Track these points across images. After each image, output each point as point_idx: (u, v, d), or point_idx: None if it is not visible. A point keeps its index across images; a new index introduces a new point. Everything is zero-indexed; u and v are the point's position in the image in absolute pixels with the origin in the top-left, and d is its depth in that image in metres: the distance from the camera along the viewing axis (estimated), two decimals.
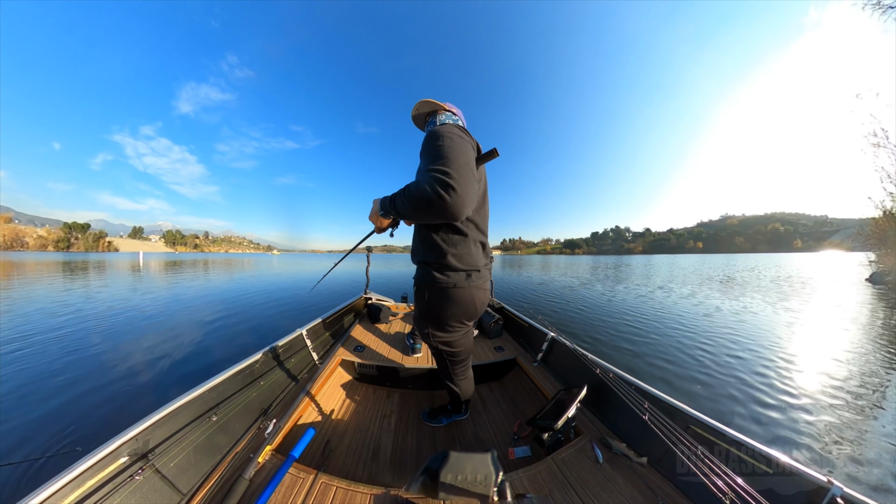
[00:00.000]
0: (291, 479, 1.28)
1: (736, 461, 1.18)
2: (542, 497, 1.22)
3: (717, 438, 1.26)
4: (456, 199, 0.99)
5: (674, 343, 5.70)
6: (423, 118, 1.55)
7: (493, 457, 1.19)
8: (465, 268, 1.31)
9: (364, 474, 1.56)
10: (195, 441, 1.31)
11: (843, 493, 0.94)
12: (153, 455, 1.15)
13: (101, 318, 7.52)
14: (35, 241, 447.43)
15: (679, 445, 1.18)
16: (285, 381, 2.01)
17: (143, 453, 1.14)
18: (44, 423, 2.99)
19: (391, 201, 1.23)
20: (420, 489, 1.14)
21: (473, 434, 1.89)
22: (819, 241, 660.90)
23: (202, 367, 4.48)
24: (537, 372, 2.26)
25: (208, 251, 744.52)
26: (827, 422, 3.19)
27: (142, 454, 1.14)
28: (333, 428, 1.88)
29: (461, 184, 1.00)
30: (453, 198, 0.99)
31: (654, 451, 1.38)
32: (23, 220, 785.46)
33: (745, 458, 1.17)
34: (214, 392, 1.50)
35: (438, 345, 1.50)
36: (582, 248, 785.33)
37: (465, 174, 1.03)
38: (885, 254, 18.36)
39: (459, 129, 1.23)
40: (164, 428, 1.24)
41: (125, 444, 1.10)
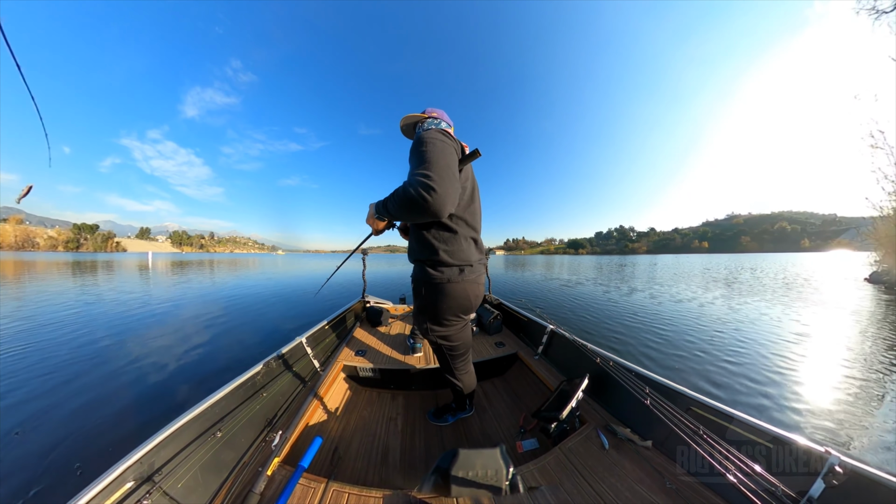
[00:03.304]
0: (303, 489, 1.27)
1: (737, 438, 1.21)
2: (552, 487, 1.24)
3: (718, 417, 1.29)
4: (437, 199, 1.08)
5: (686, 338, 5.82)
6: (411, 129, 1.64)
7: (503, 451, 1.20)
8: (457, 263, 1.37)
9: (375, 478, 1.56)
10: (201, 459, 1.28)
11: (841, 461, 0.98)
12: (159, 477, 1.13)
13: (117, 317, 7.64)
14: (45, 241, 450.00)
15: (681, 427, 1.21)
16: (288, 391, 1.99)
17: (149, 476, 1.12)
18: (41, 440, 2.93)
19: (384, 204, 1.31)
20: (432, 488, 1.15)
21: (480, 430, 1.90)
22: (827, 240, 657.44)
23: (218, 370, 4.41)
24: (539, 365, 2.29)
25: (214, 251, 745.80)
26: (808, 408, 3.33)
27: (147, 477, 1.11)
28: (340, 434, 1.87)
29: (441, 185, 1.09)
30: (434, 198, 1.07)
31: (658, 435, 1.41)
32: (33, 222, 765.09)
33: (745, 435, 1.20)
34: (217, 407, 1.48)
35: (437, 339, 1.56)
36: (586, 248, 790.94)
37: (445, 176, 1.12)
38: (886, 253, 18.15)
39: (443, 133, 1.30)
40: (167, 448, 1.22)
41: (129, 468, 1.07)
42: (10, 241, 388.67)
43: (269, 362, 1.92)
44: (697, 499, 1.17)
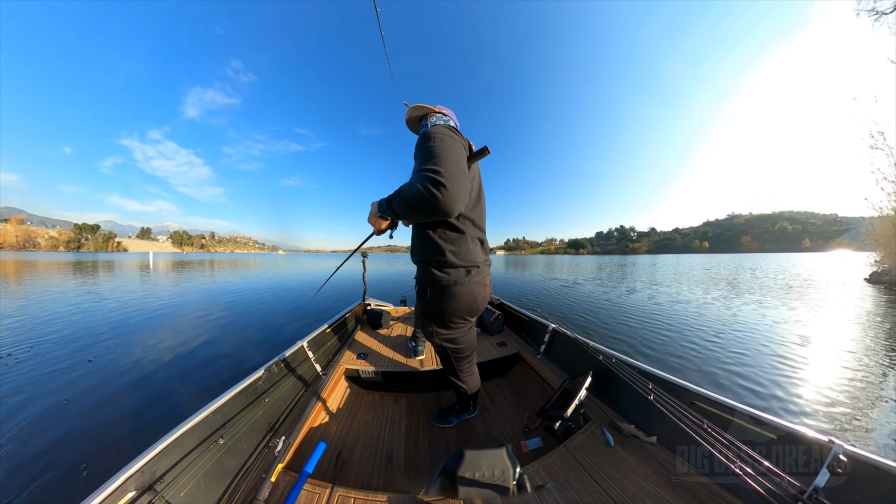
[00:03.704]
0: (307, 495, 1.26)
1: (741, 430, 1.22)
2: (559, 485, 1.24)
3: (721, 411, 1.30)
4: (447, 196, 1.02)
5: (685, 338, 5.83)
6: (416, 122, 1.58)
7: (509, 451, 1.20)
8: (464, 264, 1.33)
9: (380, 482, 1.55)
10: (204, 466, 1.27)
11: (845, 450, 0.98)
12: (161, 485, 1.11)
13: (119, 316, 7.59)
14: (47, 241, 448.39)
15: (685, 421, 1.22)
16: (290, 396, 1.97)
17: (151, 485, 1.10)
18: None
19: (388, 203, 1.25)
20: (439, 490, 1.14)
21: (484, 431, 1.90)
22: (829, 240, 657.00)
23: (218, 370, 4.38)
24: (542, 364, 2.29)
25: (214, 251, 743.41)
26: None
27: (149, 486, 1.10)
28: (344, 439, 1.86)
29: (451, 181, 1.03)
30: (444, 195, 1.01)
31: (663, 430, 1.42)
32: (34, 222, 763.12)
33: (749, 427, 1.21)
34: (219, 414, 1.46)
35: (443, 342, 1.51)
36: (586, 247, 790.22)
37: (455, 172, 1.06)
38: (886, 254, 18.21)
39: (450, 129, 1.24)
40: (169, 456, 1.21)
41: (131, 477, 1.06)
42: (11, 241, 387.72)
43: (271, 367, 1.91)
44: (703, 492, 1.17)
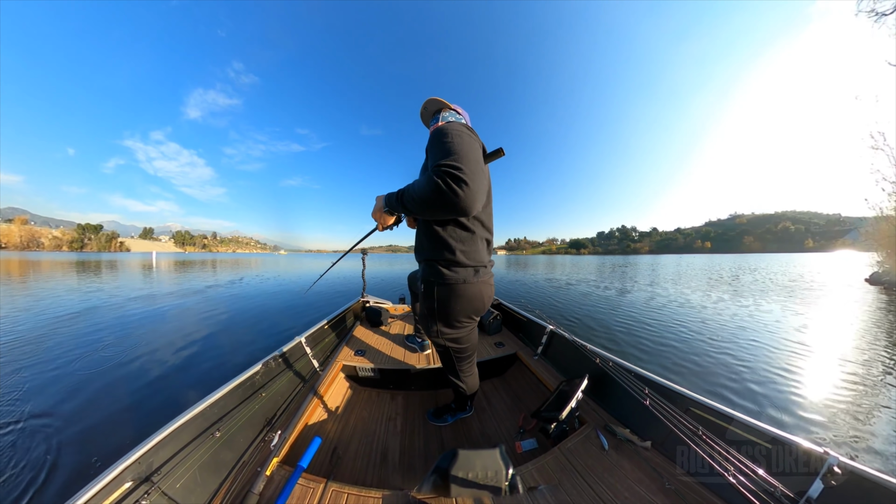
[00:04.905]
0: (301, 489, 1.27)
1: (736, 438, 1.22)
2: (551, 487, 1.24)
3: (717, 418, 1.30)
4: (469, 194, 0.99)
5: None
6: (429, 116, 1.55)
7: (502, 451, 1.20)
8: (473, 264, 1.33)
9: (374, 479, 1.56)
10: (200, 459, 1.28)
11: (840, 461, 0.98)
12: (158, 476, 1.13)
13: (122, 315, 7.67)
14: (50, 241, 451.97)
15: (681, 427, 1.21)
16: (287, 391, 1.99)
17: (147, 476, 1.12)
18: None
19: (398, 197, 1.22)
20: (432, 489, 1.15)
21: (479, 430, 1.90)
22: (831, 240, 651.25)
23: (216, 366, 4.42)
24: (538, 365, 2.29)
25: (216, 251, 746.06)
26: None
27: (146, 477, 1.11)
28: (339, 434, 1.87)
29: (473, 179, 1.00)
30: (466, 192, 0.99)
31: (657, 435, 1.41)
32: (38, 222, 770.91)
33: (744, 435, 1.20)
34: (216, 407, 1.48)
35: (447, 342, 1.51)
36: (588, 248, 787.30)
37: (476, 170, 1.03)
38: (887, 254, 17.96)
39: (466, 127, 1.23)
40: (166, 448, 1.22)
41: (128, 468, 1.07)
42: (15, 241, 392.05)
43: (269, 362, 1.92)
44: (696, 499, 1.17)
